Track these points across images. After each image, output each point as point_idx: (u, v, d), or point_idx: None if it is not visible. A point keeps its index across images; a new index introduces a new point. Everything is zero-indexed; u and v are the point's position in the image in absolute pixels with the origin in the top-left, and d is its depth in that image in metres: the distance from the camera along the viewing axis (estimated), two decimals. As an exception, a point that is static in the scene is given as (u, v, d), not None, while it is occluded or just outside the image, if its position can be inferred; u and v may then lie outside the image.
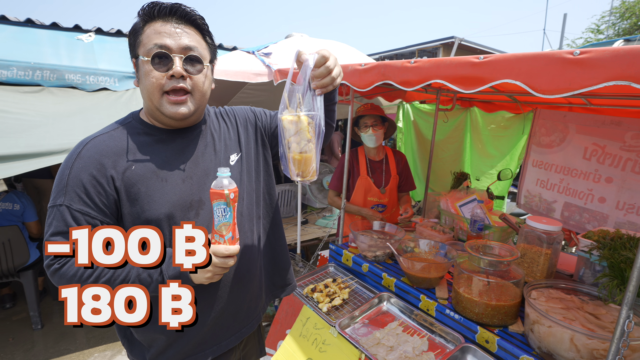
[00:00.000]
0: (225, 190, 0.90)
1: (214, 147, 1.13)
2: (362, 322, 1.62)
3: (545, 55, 0.91)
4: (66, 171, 0.94)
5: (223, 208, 0.91)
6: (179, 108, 0.98)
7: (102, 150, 0.96)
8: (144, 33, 0.96)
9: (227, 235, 0.93)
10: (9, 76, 3.32)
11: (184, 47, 0.96)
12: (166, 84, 0.95)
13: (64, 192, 0.93)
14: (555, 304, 1.32)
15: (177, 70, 0.94)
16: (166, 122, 1.03)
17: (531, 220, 1.59)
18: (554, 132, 2.53)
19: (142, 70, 0.96)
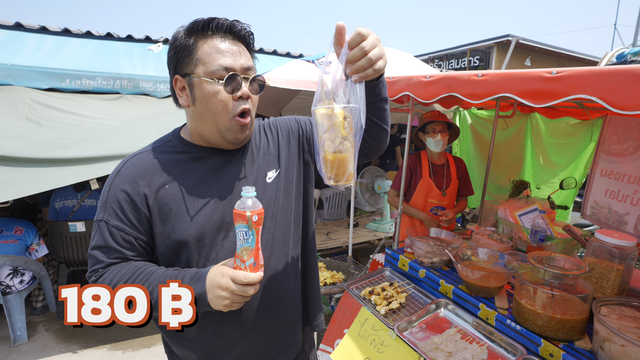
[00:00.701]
0: (247, 211, 0.82)
1: (252, 164, 1.08)
2: (420, 327, 1.66)
3: (625, 70, 0.91)
4: (107, 187, 0.98)
5: (245, 231, 0.83)
6: (244, 132, 0.98)
7: (138, 168, 0.97)
8: (200, 50, 0.92)
9: (248, 261, 0.86)
10: (94, 86, 3.73)
11: (246, 68, 0.95)
12: (234, 106, 0.94)
13: (104, 208, 0.96)
14: (629, 323, 1.28)
15: (245, 91, 0.94)
16: (222, 145, 1.02)
17: (601, 234, 1.54)
18: (627, 140, 2.39)
19: (204, 91, 0.93)
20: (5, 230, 2.92)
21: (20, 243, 2.92)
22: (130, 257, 0.97)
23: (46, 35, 4.52)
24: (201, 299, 0.88)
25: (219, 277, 0.86)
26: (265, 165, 1.10)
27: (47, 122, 3.11)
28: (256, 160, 1.09)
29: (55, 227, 3.06)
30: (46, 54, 3.96)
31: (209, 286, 0.87)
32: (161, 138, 1.07)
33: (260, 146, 1.13)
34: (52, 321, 3.13)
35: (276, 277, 1.08)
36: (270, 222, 1.07)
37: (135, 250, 0.98)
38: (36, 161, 2.57)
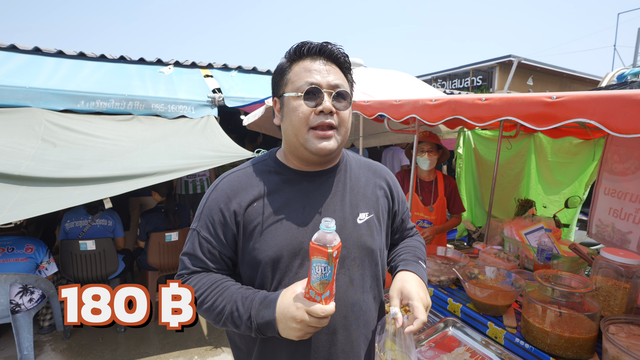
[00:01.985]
0: (328, 248, 0.81)
1: (342, 198, 1.06)
2: (429, 345, 1.66)
3: (623, 96, 0.97)
4: (204, 200, 1.04)
5: (324, 266, 0.82)
6: (325, 143, 0.96)
7: (233, 185, 1.01)
8: (291, 71, 0.98)
9: (324, 294, 0.86)
10: (108, 107, 3.86)
11: (333, 85, 0.96)
12: (313, 119, 0.95)
13: (199, 218, 1.02)
14: (637, 341, 1.28)
15: (327, 105, 0.94)
16: (308, 159, 1.02)
17: (607, 253, 1.56)
18: (629, 159, 2.42)
19: (290, 106, 0.97)
20: (16, 249, 2.96)
21: (30, 261, 2.95)
22: (212, 269, 1.01)
23: (62, 58, 4.70)
24: (270, 325, 0.88)
25: (293, 310, 0.85)
26: (359, 205, 1.08)
27: (62, 143, 3.22)
28: (349, 194, 1.07)
29: (65, 245, 3.11)
30: (62, 76, 4.11)
31: (281, 316, 0.87)
32: (258, 157, 1.12)
33: (360, 183, 1.12)
34: (58, 340, 3.14)
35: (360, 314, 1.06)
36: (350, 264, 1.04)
37: (218, 263, 1.02)
38: (51, 181, 2.64)
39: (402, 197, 1.25)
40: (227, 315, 0.92)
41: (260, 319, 0.88)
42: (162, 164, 3.02)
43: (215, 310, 0.93)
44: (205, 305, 0.95)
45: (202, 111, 4.38)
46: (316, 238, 0.83)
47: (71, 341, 3.11)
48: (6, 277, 2.67)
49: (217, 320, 0.95)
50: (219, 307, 0.93)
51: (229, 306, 0.92)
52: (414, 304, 0.96)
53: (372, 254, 1.08)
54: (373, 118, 2.12)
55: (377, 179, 1.17)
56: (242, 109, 4.48)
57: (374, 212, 1.10)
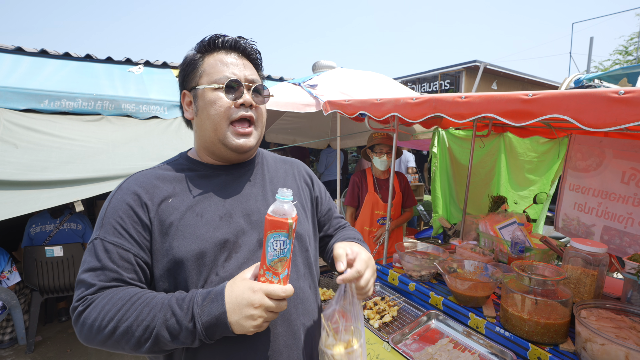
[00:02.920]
0: (288, 218, 0.75)
1: (262, 188, 1.03)
2: (413, 338, 1.70)
3: (592, 93, 1.04)
4: (106, 204, 0.91)
5: (283, 240, 0.76)
6: (245, 140, 0.95)
7: (141, 182, 0.92)
8: (205, 63, 0.95)
9: (282, 273, 0.78)
10: (75, 107, 3.67)
11: (250, 79, 0.96)
12: (234, 112, 0.93)
13: (101, 225, 0.87)
14: (607, 323, 1.37)
15: (248, 98, 0.93)
16: (225, 155, 0.99)
17: (576, 242, 1.66)
18: (590, 157, 2.59)
19: (206, 99, 0.93)
20: None
21: None
22: (128, 280, 0.84)
23: (22, 55, 4.44)
24: (220, 321, 0.75)
25: (248, 294, 0.76)
26: None
27: (24, 144, 3.03)
28: (268, 185, 1.05)
29: (29, 252, 2.93)
30: (22, 74, 3.88)
31: (233, 306, 0.76)
32: (168, 160, 1.04)
33: (278, 175, 1.10)
34: (21, 355, 2.94)
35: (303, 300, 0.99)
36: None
37: (134, 272, 0.85)
38: (14, 184, 2.49)
39: (322, 186, 1.25)
40: (160, 326, 0.75)
41: (206, 317, 0.75)
42: (135, 166, 2.91)
43: (141, 325, 0.76)
44: (124, 325, 0.76)
45: (175, 112, 4.25)
46: (272, 210, 0.77)
47: (36, 354, 2.93)
48: (-37, 288, 2.48)
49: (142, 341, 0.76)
50: (145, 321, 0.76)
51: (160, 314, 0.76)
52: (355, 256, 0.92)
53: (301, 239, 1.03)
54: (354, 117, 2.15)
55: (294, 169, 1.17)
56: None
57: (297, 198, 1.09)
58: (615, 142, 2.48)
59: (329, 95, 2.64)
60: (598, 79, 5.47)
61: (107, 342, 0.78)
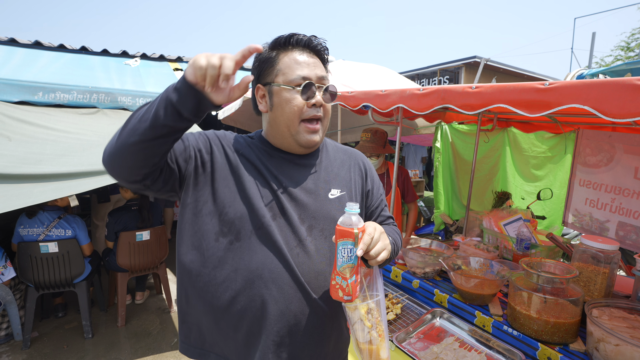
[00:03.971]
0: (354, 229, 0.84)
1: (317, 174, 1.11)
2: (418, 337, 1.66)
3: (614, 82, 0.98)
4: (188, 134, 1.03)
5: (350, 248, 0.84)
6: (314, 136, 1.03)
7: (220, 135, 1.07)
8: (280, 62, 1.01)
9: (350, 278, 0.86)
10: (70, 99, 3.59)
11: (320, 77, 1.01)
12: (306, 112, 1.00)
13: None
14: (620, 323, 1.33)
15: (319, 99, 1.00)
16: (294, 148, 1.07)
17: (586, 239, 1.61)
18: (600, 152, 2.54)
19: (282, 97, 1.00)
20: None
21: None
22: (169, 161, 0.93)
23: (15, 47, 4.35)
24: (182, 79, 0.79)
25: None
26: (333, 182, 1.12)
27: (18, 137, 2.96)
28: (323, 172, 1.12)
29: (23, 248, 2.86)
30: (16, 66, 3.80)
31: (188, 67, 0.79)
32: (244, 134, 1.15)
33: (334, 163, 1.16)
34: (17, 351, 2.89)
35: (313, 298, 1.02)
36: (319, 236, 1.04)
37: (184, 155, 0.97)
38: (7, 177, 2.41)
39: (377, 181, 1.27)
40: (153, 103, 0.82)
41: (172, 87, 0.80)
42: (132, 159, 2.85)
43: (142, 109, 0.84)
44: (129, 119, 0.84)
45: (173, 105, 4.19)
46: (341, 221, 0.86)
47: (32, 350, 2.88)
48: (-45, 283, 2.42)
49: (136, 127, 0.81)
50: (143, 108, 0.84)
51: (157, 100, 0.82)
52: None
53: None
54: (357, 109, 2.09)
55: (351, 161, 1.21)
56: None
57: (347, 190, 1.14)
58: (625, 137, 2.43)
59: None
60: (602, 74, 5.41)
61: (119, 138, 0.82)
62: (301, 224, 1.02)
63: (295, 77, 0.98)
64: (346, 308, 0.91)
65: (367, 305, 0.90)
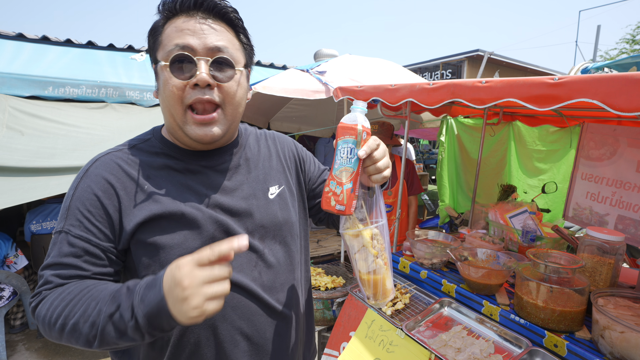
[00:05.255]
0: (358, 125, 0.72)
1: (247, 172, 0.93)
2: (426, 326, 1.70)
3: (623, 76, 1.01)
4: (71, 192, 0.81)
5: (350, 148, 0.73)
6: (208, 129, 0.80)
7: (111, 168, 0.81)
8: (164, 32, 0.79)
9: (346, 184, 0.74)
10: (79, 94, 3.64)
11: (211, 48, 0.77)
12: (188, 95, 0.77)
13: (66, 216, 0.79)
14: (625, 311, 1.37)
15: (202, 77, 0.75)
16: (190, 143, 0.86)
17: (592, 231, 1.65)
18: (604, 146, 2.56)
19: (161, 79, 0.79)
20: None
21: None
22: (93, 276, 0.77)
23: (23, 42, 4.39)
24: (161, 311, 0.62)
25: (175, 271, 0.62)
26: (267, 178, 0.96)
27: (30, 131, 3.01)
28: (253, 170, 0.95)
29: (37, 240, 2.93)
30: (25, 61, 3.84)
31: (167, 289, 0.62)
32: (138, 136, 0.91)
33: (260, 156, 0.99)
34: (32, 339, 2.96)
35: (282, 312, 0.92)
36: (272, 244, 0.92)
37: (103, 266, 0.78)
38: (22, 170, 2.47)
39: (310, 157, 1.14)
40: (104, 322, 0.65)
41: (146, 307, 0.62)
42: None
43: (87, 322, 0.66)
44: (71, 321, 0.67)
45: (179, 99, 4.23)
46: (344, 118, 0.75)
47: (46, 339, 2.95)
48: (-26, 274, 2.49)
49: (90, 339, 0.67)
50: (91, 317, 0.66)
51: (106, 308, 0.66)
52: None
53: (292, 227, 0.97)
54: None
55: (278, 146, 1.05)
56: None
57: (285, 183, 0.99)
58: (629, 131, 2.45)
59: (339, 81, 2.61)
60: (608, 67, 5.40)
61: (61, 339, 0.71)
62: (252, 239, 0.87)
63: (171, 48, 0.75)
64: (347, 235, 0.81)
65: (371, 230, 0.80)
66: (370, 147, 0.75)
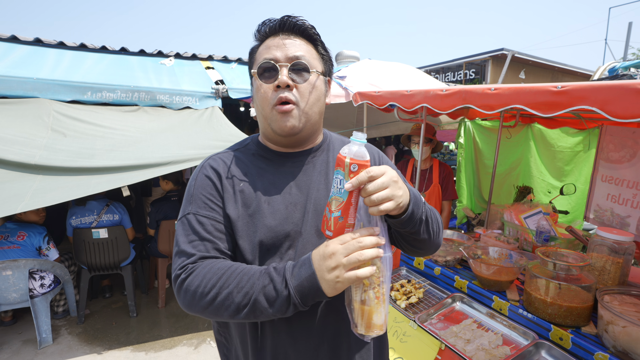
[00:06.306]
0: (347, 158, 0.75)
1: (326, 176, 1.00)
2: (438, 318, 1.80)
3: (620, 85, 1.09)
4: (191, 182, 0.97)
5: (339, 179, 0.76)
6: (286, 120, 0.91)
7: (219, 165, 0.97)
8: (258, 51, 0.95)
9: (334, 212, 0.77)
10: (114, 98, 3.90)
11: (291, 57, 0.91)
12: (273, 96, 0.91)
13: (190, 202, 0.93)
14: (629, 308, 1.43)
15: (282, 79, 0.89)
16: (278, 140, 0.98)
17: (602, 231, 1.70)
18: (623, 148, 2.57)
19: (255, 87, 0.95)
20: (10, 237, 2.95)
21: (22, 249, 2.92)
22: (224, 250, 0.90)
23: (64, 50, 4.71)
24: (310, 283, 0.76)
25: (323, 248, 0.77)
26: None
27: (72, 133, 3.27)
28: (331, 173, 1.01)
29: (78, 234, 3.18)
30: (66, 68, 4.13)
31: (317, 264, 0.77)
32: (239, 142, 1.08)
33: None
34: (73, 325, 3.22)
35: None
36: None
37: (227, 242, 0.91)
38: (66, 170, 2.71)
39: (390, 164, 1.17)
40: (258, 292, 0.78)
41: (296, 280, 0.77)
42: (173, 154, 3.09)
43: (241, 292, 0.79)
44: (225, 291, 0.80)
45: (206, 102, 4.43)
46: (342, 148, 0.78)
47: (86, 325, 3.20)
48: (25, 262, 2.75)
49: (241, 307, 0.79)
50: (245, 288, 0.79)
51: (259, 282, 0.79)
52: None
53: None
54: (383, 108, 2.23)
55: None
56: (246, 101, 4.56)
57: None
58: (648, 133, 2.46)
59: (358, 86, 2.72)
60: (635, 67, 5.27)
61: (208, 308, 0.81)
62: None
63: (261, 62, 0.92)
64: None
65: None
66: (360, 181, 0.75)
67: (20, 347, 2.88)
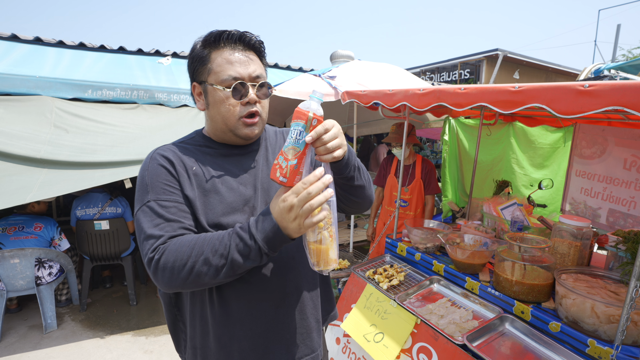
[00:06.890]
0: (310, 112, 0.84)
1: (266, 159, 1.16)
2: (417, 298, 1.97)
3: (564, 86, 1.26)
4: (142, 174, 1.01)
5: (299, 130, 0.84)
6: (253, 130, 1.06)
7: (169, 154, 1.03)
8: (212, 61, 1.00)
9: (290, 160, 0.85)
10: (114, 96, 4.04)
11: (253, 77, 1.02)
12: (241, 110, 1.02)
13: (147, 191, 0.98)
14: (581, 284, 1.61)
15: (253, 97, 1.02)
16: (234, 141, 1.10)
17: (563, 218, 1.88)
18: (594, 145, 2.76)
19: (216, 97, 1.01)
20: (26, 227, 3.13)
21: (39, 239, 3.11)
22: (190, 227, 0.97)
23: (63, 48, 4.83)
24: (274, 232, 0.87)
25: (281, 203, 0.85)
26: None
27: (74, 129, 3.41)
28: (270, 155, 1.17)
29: (81, 225, 3.32)
30: (67, 66, 4.26)
31: (278, 216, 0.86)
32: (184, 136, 1.15)
33: (277, 145, 1.21)
34: (76, 312, 3.37)
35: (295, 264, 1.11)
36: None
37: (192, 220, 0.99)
38: (71, 164, 2.85)
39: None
40: (232, 251, 0.88)
41: (261, 232, 0.87)
42: (172, 149, 3.25)
43: (216, 254, 0.88)
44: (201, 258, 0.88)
45: (203, 100, 4.58)
46: (302, 104, 0.86)
47: (88, 313, 3.36)
48: (32, 251, 2.90)
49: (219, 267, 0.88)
50: (219, 250, 0.88)
51: (231, 242, 0.88)
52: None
53: None
54: (368, 106, 2.39)
55: None
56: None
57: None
58: (616, 131, 2.64)
59: (347, 86, 2.88)
60: (618, 69, 5.50)
61: (189, 278, 0.88)
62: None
63: (226, 78, 0.99)
64: None
65: None
66: (318, 133, 0.86)
67: (27, 332, 3.03)
